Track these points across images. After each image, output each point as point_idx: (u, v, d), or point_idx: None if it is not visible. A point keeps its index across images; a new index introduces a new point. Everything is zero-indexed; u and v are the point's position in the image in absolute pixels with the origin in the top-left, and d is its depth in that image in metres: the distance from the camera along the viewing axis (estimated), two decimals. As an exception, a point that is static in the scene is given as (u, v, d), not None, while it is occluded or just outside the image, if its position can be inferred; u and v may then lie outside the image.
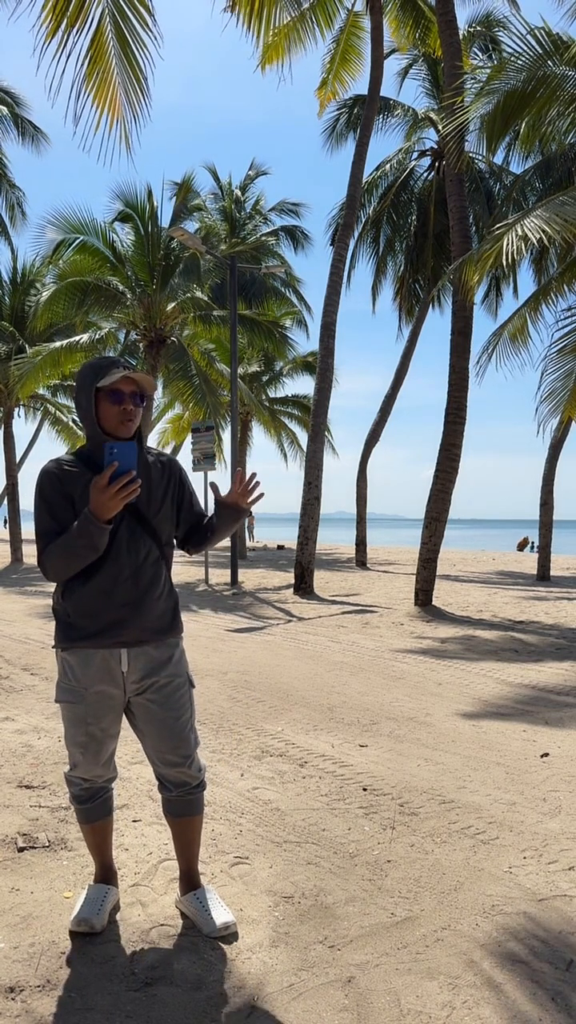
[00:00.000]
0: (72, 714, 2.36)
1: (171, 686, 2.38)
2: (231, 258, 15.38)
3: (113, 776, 2.50)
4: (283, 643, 8.17)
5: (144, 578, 2.32)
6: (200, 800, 2.48)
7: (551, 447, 16.56)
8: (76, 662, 2.33)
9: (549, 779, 3.89)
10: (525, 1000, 2.09)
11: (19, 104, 20.62)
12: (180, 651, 2.45)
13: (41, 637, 8.25)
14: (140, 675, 2.34)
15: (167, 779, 2.44)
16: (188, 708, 2.42)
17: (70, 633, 2.33)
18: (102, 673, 2.32)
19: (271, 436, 25.40)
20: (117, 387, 2.26)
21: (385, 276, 20.20)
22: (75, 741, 2.37)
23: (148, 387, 2.31)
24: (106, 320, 17.48)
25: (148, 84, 6.12)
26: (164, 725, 2.36)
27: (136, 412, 2.30)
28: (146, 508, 2.34)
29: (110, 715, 2.36)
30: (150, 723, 2.37)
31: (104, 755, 2.41)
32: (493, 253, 8.56)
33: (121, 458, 2.09)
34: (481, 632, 8.96)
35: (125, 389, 2.27)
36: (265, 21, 12.50)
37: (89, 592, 2.28)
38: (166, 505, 2.39)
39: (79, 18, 5.84)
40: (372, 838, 3.13)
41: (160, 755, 2.40)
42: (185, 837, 2.50)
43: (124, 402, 2.27)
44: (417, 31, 15.63)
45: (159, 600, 2.36)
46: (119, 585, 2.28)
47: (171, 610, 2.42)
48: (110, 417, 2.28)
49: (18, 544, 20.79)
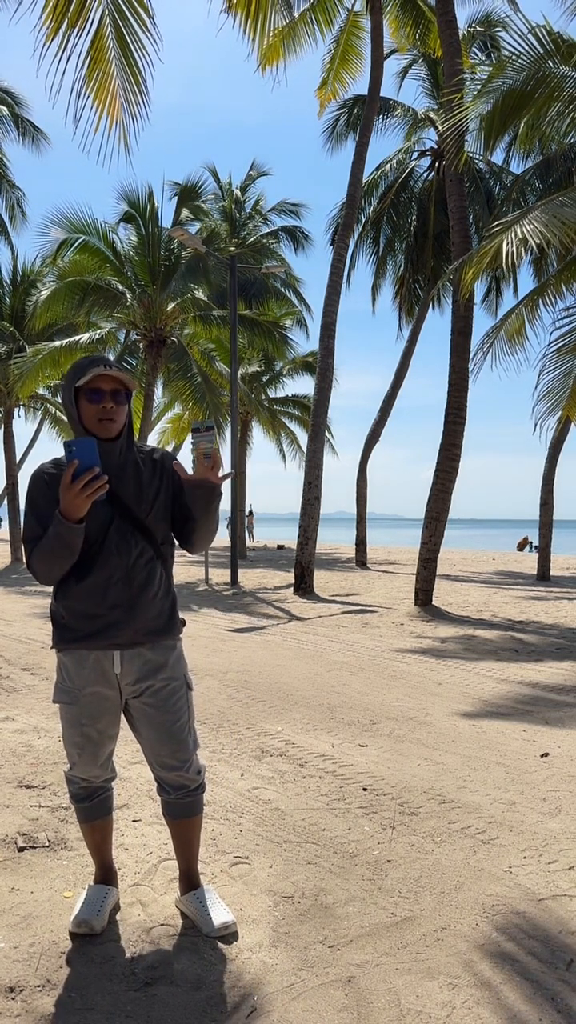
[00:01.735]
0: (68, 715, 2.36)
1: (167, 690, 2.36)
2: (231, 258, 15.37)
3: (112, 776, 2.50)
4: (283, 643, 8.17)
5: (137, 579, 2.30)
6: (199, 802, 2.47)
7: (551, 447, 16.56)
8: (71, 663, 2.33)
9: (549, 779, 3.89)
10: (524, 1000, 2.09)
11: (19, 104, 20.63)
12: (178, 653, 2.42)
13: (41, 637, 8.25)
14: (135, 678, 2.32)
15: (165, 782, 2.43)
16: (186, 712, 2.40)
17: (64, 635, 2.32)
18: (96, 675, 2.31)
19: (271, 436, 25.41)
20: (95, 386, 2.24)
21: (385, 276, 20.21)
22: (72, 741, 2.38)
23: (127, 383, 2.27)
24: (106, 320, 17.49)
25: (147, 87, 6.13)
26: (161, 729, 2.35)
27: (117, 410, 2.26)
28: (136, 507, 2.31)
29: (106, 716, 2.35)
30: (147, 727, 2.36)
31: (101, 756, 2.40)
32: (490, 252, 8.56)
33: (81, 455, 2.05)
34: (481, 632, 8.96)
35: (105, 387, 2.24)
36: (262, 23, 12.51)
37: (82, 594, 2.27)
38: (159, 502, 2.35)
39: (79, 20, 5.84)
40: (372, 838, 3.13)
41: (158, 759, 2.40)
42: (184, 838, 2.50)
43: (103, 400, 2.24)
44: (417, 31, 15.64)
45: (154, 600, 2.34)
46: (111, 587, 2.27)
47: (168, 610, 2.39)
48: (90, 417, 2.26)
49: (18, 544, 20.80)
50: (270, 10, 12.50)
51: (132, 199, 16.59)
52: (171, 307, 16.79)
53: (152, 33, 5.99)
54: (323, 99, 16.54)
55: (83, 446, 2.06)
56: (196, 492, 2.25)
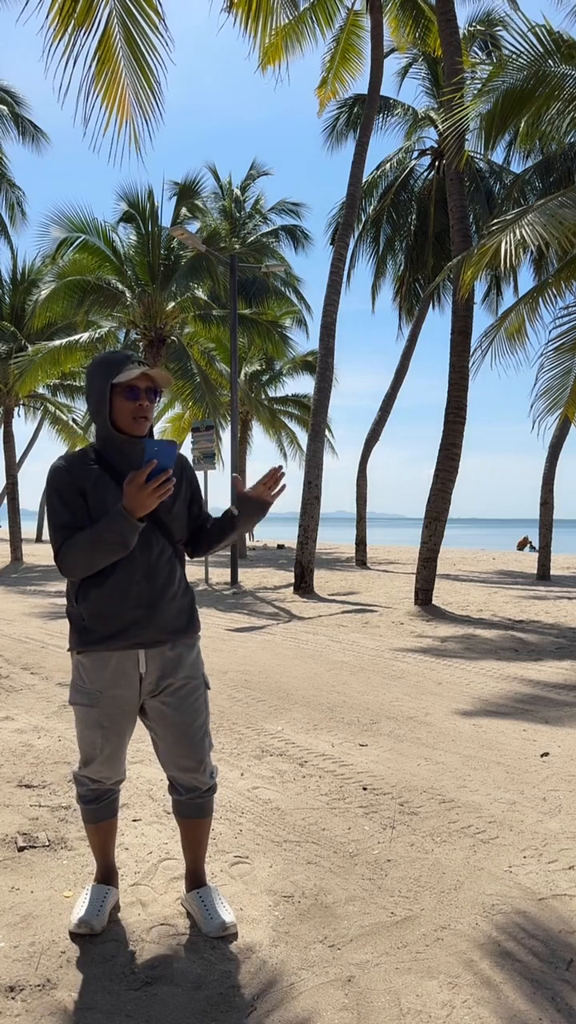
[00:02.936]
0: (86, 717, 2.33)
1: (187, 688, 2.35)
2: (231, 257, 15.37)
3: (121, 778, 2.48)
4: (283, 642, 8.17)
5: (159, 577, 2.29)
6: (210, 804, 2.46)
7: (551, 447, 16.57)
8: (91, 665, 2.31)
9: (549, 778, 3.89)
10: (524, 999, 2.09)
11: (19, 104, 20.64)
12: (196, 651, 2.42)
13: (41, 636, 8.25)
14: (156, 676, 2.31)
15: (178, 782, 2.41)
16: (203, 711, 2.39)
17: (86, 636, 2.30)
18: (117, 676, 2.29)
19: (271, 436, 25.42)
20: (133, 383, 2.23)
21: (385, 276, 20.22)
22: (91, 743, 2.35)
23: (163, 383, 2.27)
24: (106, 319, 17.49)
25: (160, 87, 6.11)
26: (179, 729, 2.33)
27: (151, 409, 2.28)
28: (160, 506, 2.28)
29: (124, 719, 2.34)
30: (165, 727, 2.34)
31: (116, 757, 2.39)
32: (489, 253, 8.55)
33: (161, 456, 2.04)
34: (481, 631, 8.96)
35: (141, 385, 2.24)
36: (263, 22, 12.51)
37: (104, 594, 2.24)
38: (179, 503, 2.36)
39: (86, 20, 5.83)
40: (372, 837, 3.13)
41: (173, 759, 2.38)
42: (193, 837, 2.49)
43: (140, 398, 2.24)
44: (417, 30, 15.65)
45: (175, 599, 2.33)
46: (133, 586, 2.25)
47: (187, 609, 2.38)
48: (124, 414, 2.24)
49: (18, 544, 20.80)
50: (270, 10, 12.51)
51: (132, 199, 16.60)
52: (171, 306, 16.78)
53: (161, 32, 5.98)
54: (323, 98, 16.55)
55: (164, 447, 2.06)
56: (249, 505, 2.33)
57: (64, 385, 21.89)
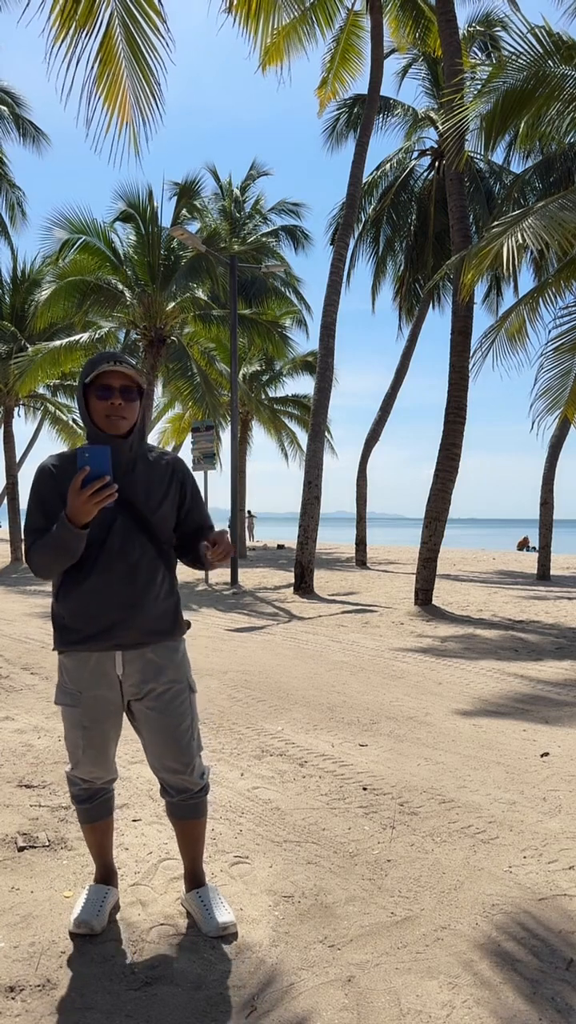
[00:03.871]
0: (70, 717, 2.35)
1: (170, 693, 2.34)
2: (231, 258, 15.37)
3: (113, 777, 2.49)
4: (283, 642, 8.17)
5: (140, 578, 2.28)
6: (203, 804, 2.46)
7: (551, 447, 16.57)
8: (72, 665, 2.32)
9: (549, 778, 3.89)
10: (524, 999, 2.09)
11: (19, 104, 20.64)
12: (181, 655, 2.41)
13: (41, 636, 8.25)
14: (137, 679, 2.31)
15: (169, 784, 2.42)
16: (189, 715, 2.38)
17: (66, 636, 2.30)
18: (97, 677, 2.30)
19: (271, 436, 25.42)
20: (104, 382, 2.22)
21: (385, 276, 20.22)
22: (74, 743, 2.36)
23: (138, 379, 2.27)
24: (106, 320, 17.49)
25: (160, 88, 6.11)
26: (164, 733, 2.33)
27: (127, 407, 2.25)
28: (144, 506, 2.29)
29: (108, 719, 2.34)
30: (151, 730, 2.34)
31: (103, 757, 2.39)
32: (489, 255, 8.55)
33: (93, 462, 2.03)
34: (481, 631, 8.96)
35: (114, 384, 2.23)
36: (263, 22, 12.51)
37: (83, 594, 2.25)
38: (166, 504, 2.34)
39: (88, 21, 5.84)
40: (372, 837, 3.13)
41: (161, 762, 2.38)
42: (189, 838, 2.49)
43: (112, 397, 2.22)
44: (417, 31, 15.65)
45: (157, 601, 2.32)
46: (113, 586, 2.25)
47: (171, 611, 2.37)
48: (99, 413, 2.24)
49: (18, 544, 20.79)
50: (270, 10, 12.51)
51: (132, 199, 16.59)
52: (171, 306, 16.78)
53: (163, 33, 5.99)
54: (323, 98, 16.55)
55: (96, 453, 2.04)
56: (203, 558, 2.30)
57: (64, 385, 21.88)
